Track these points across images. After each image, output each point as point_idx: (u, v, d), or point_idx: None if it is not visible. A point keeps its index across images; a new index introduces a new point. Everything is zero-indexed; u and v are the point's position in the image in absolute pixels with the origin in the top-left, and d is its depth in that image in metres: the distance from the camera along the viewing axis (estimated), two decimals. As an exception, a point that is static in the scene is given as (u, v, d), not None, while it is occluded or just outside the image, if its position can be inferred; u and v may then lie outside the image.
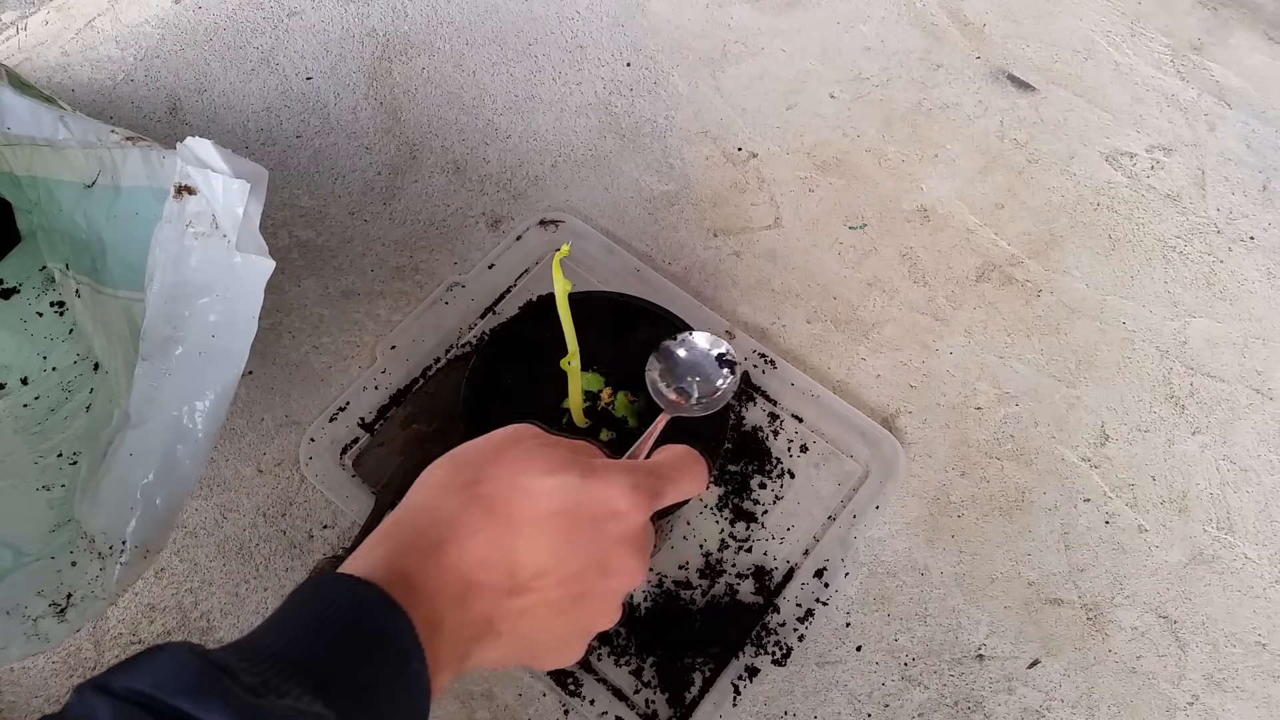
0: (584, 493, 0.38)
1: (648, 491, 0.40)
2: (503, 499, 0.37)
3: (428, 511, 0.37)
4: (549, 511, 0.37)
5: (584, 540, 0.38)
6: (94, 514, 0.53)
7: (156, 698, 0.28)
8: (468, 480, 0.38)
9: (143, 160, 0.55)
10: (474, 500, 0.37)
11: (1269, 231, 0.85)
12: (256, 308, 0.51)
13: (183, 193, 0.51)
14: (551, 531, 0.37)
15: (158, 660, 0.29)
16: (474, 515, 0.37)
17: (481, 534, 0.36)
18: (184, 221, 0.51)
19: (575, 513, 0.38)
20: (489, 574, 0.36)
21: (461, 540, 0.36)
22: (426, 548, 0.36)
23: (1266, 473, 0.73)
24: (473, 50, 0.93)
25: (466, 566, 0.36)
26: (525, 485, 0.38)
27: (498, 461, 0.39)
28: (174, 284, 0.51)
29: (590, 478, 0.38)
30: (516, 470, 0.38)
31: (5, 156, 0.63)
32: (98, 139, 0.56)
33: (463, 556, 0.36)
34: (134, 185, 0.56)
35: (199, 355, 0.52)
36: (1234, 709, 0.65)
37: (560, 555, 0.38)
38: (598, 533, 0.38)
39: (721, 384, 0.56)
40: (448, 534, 0.36)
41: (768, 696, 0.63)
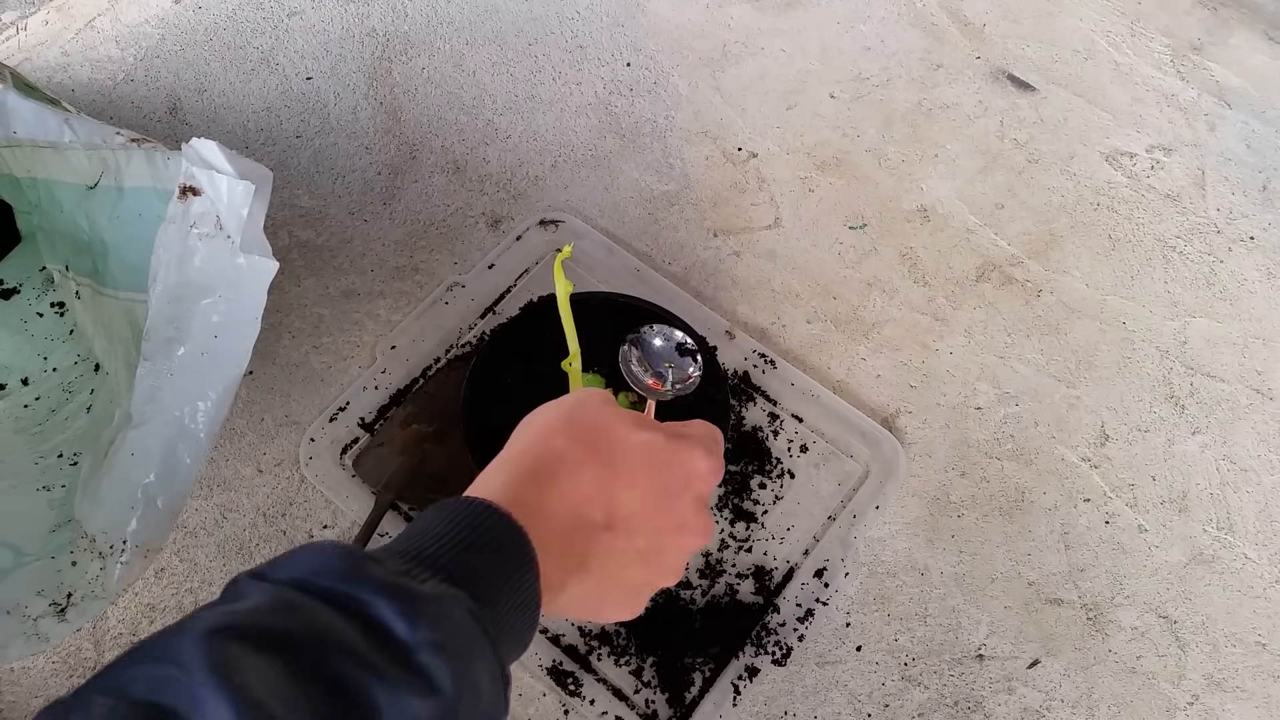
0: (670, 451, 0.42)
1: (720, 458, 0.45)
2: (603, 445, 0.41)
3: (537, 449, 0.40)
4: (641, 462, 0.41)
5: (671, 494, 0.42)
6: (94, 513, 0.53)
7: (312, 581, 0.31)
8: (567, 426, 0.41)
9: (147, 161, 0.55)
10: (578, 442, 0.41)
11: (1269, 231, 0.85)
12: (259, 308, 0.51)
13: (187, 193, 0.51)
14: (644, 480, 0.41)
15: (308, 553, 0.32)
16: (580, 454, 0.40)
17: (587, 471, 0.40)
18: (188, 222, 0.51)
19: (663, 468, 0.42)
20: (591, 509, 0.40)
21: (571, 473, 0.40)
22: (541, 478, 0.39)
23: (1266, 473, 0.73)
24: (473, 50, 0.93)
25: (575, 499, 0.39)
26: (621, 436, 0.41)
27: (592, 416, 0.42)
28: (177, 284, 0.51)
29: (675, 439, 0.43)
30: (609, 423, 0.42)
31: (5, 158, 0.63)
32: (102, 141, 0.56)
33: (574, 489, 0.39)
34: (138, 186, 0.56)
35: (201, 355, 0.52)
36: (1234, 709, 0.65)
37: (650, 503, 0.41)
38: (682, 490, 0.42)
39: (693, 370, 0.57)
40: (558, 467, 0.40)
41: (768, 696, 0.63)
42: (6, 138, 0.60)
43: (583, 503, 0.40)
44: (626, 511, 0.41)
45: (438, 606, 0.32)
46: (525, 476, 0.39)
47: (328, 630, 0.29)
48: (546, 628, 0.65)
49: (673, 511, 0.42)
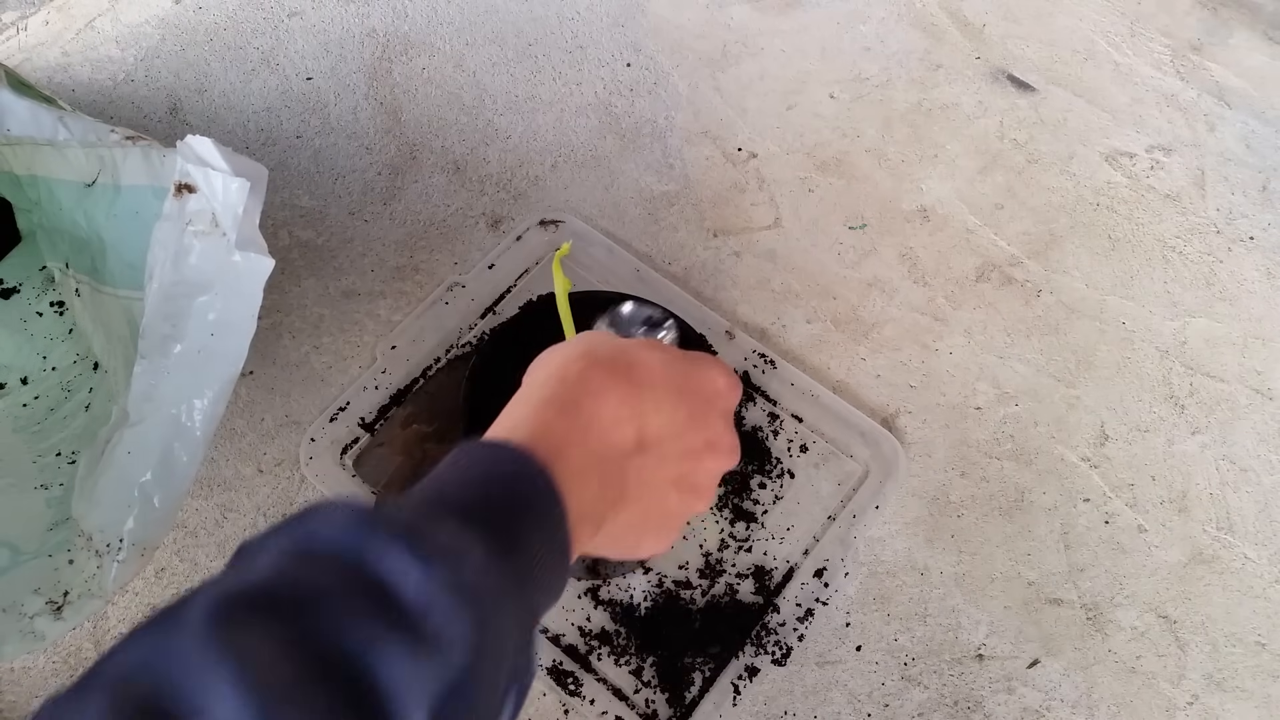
0: (691, 369, 0.42)
1: (736, 378, 0.44)
2: (623, 366, 0.40)
3: (557, 379, 0.39)
4: (664, 382, 0.41)
5: (698, 412, 0.41)
6: (91, 512, 0.53)
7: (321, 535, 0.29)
8: (585, 354, 0.40)
9: (143, 159, 0.55)
10: (598, 365, 0.39)
11: (1269, 231, 0.85)
12: (256, 306, 0.51)
13: (182, 191, 0.51)
14: (670, 399, 0.40)
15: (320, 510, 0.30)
16: (602, 377, 0.39)
17: (613, 393, 0.39)
18: (184, 220, 0.51)
19: (686, 386, 0.41)
20: (621, 431, 0.39)
21: (595, 397, 0.38)
22: (565, 406, 0.38)
23: (1266, 473, 0.73)
24: (473, 50, 0.93)
25: (604, 422, 0.38)
26: (641, 358, 0.41)
27: (607, 341, 0.42)
28: (173, 282, 0.51)
29: (692, 359, 0.42)
30: (625, 348, 0.41)
31: (6, 156, 0.64)
32: (98, 138, 0.56)
33: (599, 412, 0.38)
34: (134, 184, 0.56)
35: (198, 353, 0.52)
36: (1234, 709, 0.65)
37: (679, 421, 0.40)
38: (708, 408, 0.42)
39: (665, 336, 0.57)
40: (580, 392, 0.38)
41: (768, 696, 0.63)
42: (4, 135, 0.60)
43: (611, 426, 0.38)
44: (658, 432, 0.40)
45: (457, 544, 0.30)
46: (546, 407, 0.38)
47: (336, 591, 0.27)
48: (546, 627, 0.65)
49: (701, 430, 0.41)
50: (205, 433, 0.52)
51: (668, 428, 0.40)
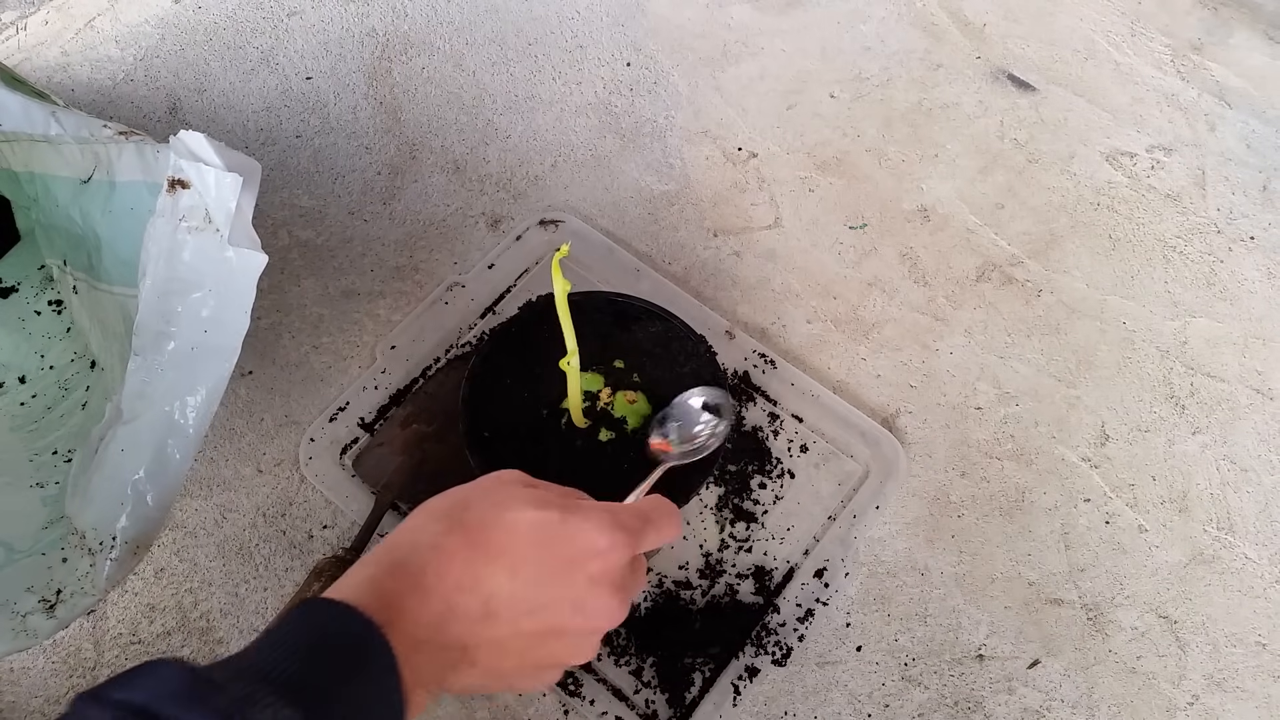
0: (565, 528, 0.39)
1: (629, 531, 0.41)
2: (479, 529, 0.39)
3: (412, 538, 0.39)
4: (529, 543, 0.39)
5: (561, 575, 0.39)
6: (85, 510, 0.53)
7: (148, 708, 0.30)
8: (452, 509, 0.40)
9: (137, 155, 0.55)
10: (456, 527, 0.39)
11: (1269, 231, 0.85)
12: (249, 302, 0.51)
13: (175, 186, 0.50)
14: (529, 563, 0.39)
15: (150, 673, 0.31)
16: (454, 541, 0.38)
17: (460, 559, 0.38)
18: (177, 216, 0.51)
19: (554, 547, 0.39)
20: (465, 599, 0.38)
21: (441, 564, 0.38)
22: (410, 573, 0.37)
23: (1267, 473, 0.73)
24: (473, 50, 0.93)
25: (445, 590, 0.37)
26: (509, 519, 0.39)
27: (484, 497, 0.40)
28: (166, 279, 0.51)
29: (572, 514, 0.40)
30: (500, 504, 0.39)
31: (3, 153, 0.63)
32: (90, 134, 0.56)
33: (442, 580, 0.37)
34: (129, 180, 0.56)
35: (191, 350, 0.52)
36: (1234, 709, 0.64)
37: (534, 587, 0.39)
38: (576, 570, 0.39)
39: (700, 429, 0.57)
40: (430, 558, 0.38)
41: (768, 696, 0.63)
42: (1, 133, 0.60)
43: (454, 593, 0.37)
44: (507, 598, 0.38)
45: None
46: (392, 570, 0.37)
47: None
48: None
49: (565, 593, 0.39)
50: (198, 430, 0.52)
51: (520, 593, 0.38)
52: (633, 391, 0.62)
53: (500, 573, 0.38)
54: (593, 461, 0.61)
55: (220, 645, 0.64)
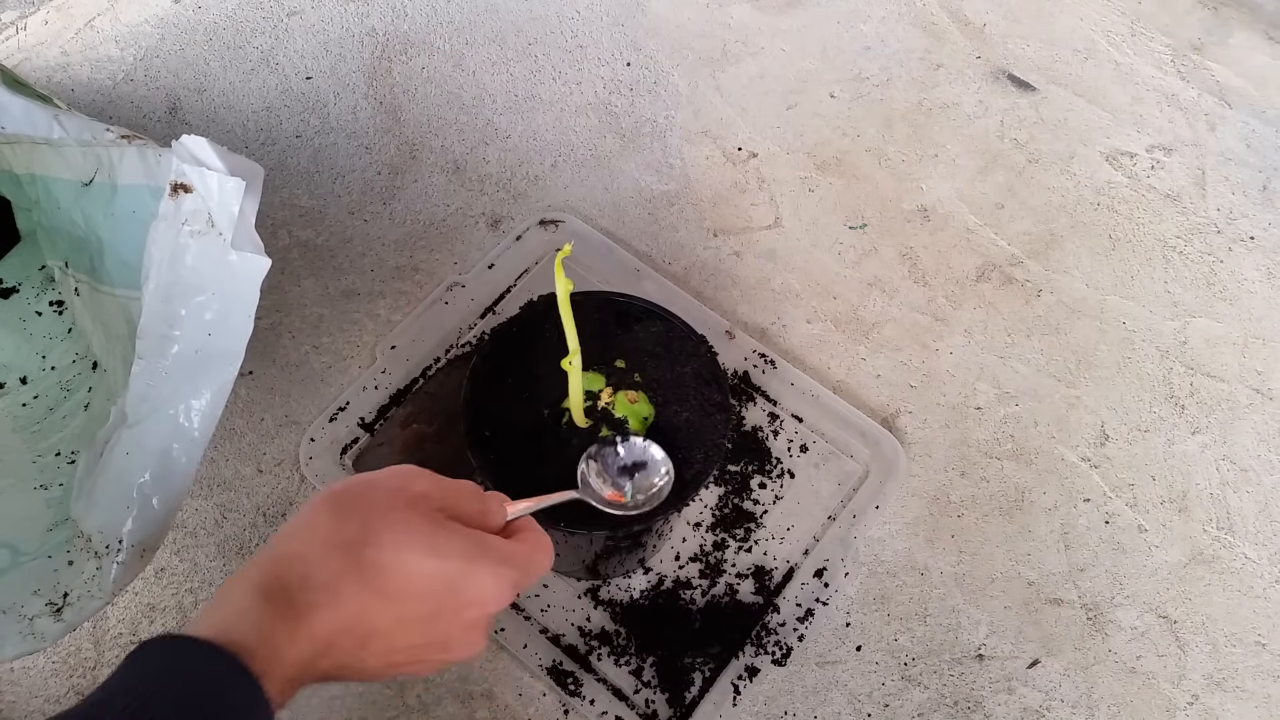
0: (461, 582, 0.39)
1: (514, 585, 0.41)
2: (383, 573, 0.38)
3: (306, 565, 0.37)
4: (422, 595, 0.38)
5: (443, 622, 0.39)
6: (90, 513, 0.53)
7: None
8: (352, 539, 0.38)
9: (139, 158, 0.55)
10: (354, 568, 0.37)
11: (1269, 231, 0.85)
12: (252, 306, 0.51)
13: (178, 190, 0.50)
14: (418, 611, 0.38)
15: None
16: (351, 585, 0.37)
17: (353, 605, 0.37)
18: (179, 219, 0.51)
19: (446, 600, 0.39)
20: (348, 639, 0.37)
21: (333, 608, 0.37)
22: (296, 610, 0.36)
23: (1266, 473, 0.73)
24: (472, 50, 0.93)
25: (329, 632, 0.37)
26: (407, 566, 0.38)
27: (386, 524, 0.38)
28: (170, 282, 0.51)
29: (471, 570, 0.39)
30: (401, 545, 0.38)
31: (5, 155, 0.63)
32: (93, 137, 0.56)
33: (330, 624, 0.36)
34: (131, 183, 0.56)
35: (195, 354, 0.52)
36: (1234, 709, 0.65)
37: (415, 631, 0.39)
38: (458, 616, 0.40)
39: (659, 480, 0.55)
40: (322, 598, 0.36)
41: (768, 696, 0.63)
42: (0, 134, 0.60)
43: (339, 635, 0.37)
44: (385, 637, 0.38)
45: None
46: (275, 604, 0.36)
47: None
48: (546, 627, 0.65)
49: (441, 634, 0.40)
50: (203, 434, 0.52)
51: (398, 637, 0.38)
52: (634, 391, 0.62)
53: (387, 618, 0.38)
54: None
55: (221, 645, 0.64)
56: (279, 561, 0.37)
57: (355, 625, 0.37)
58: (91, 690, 0.33)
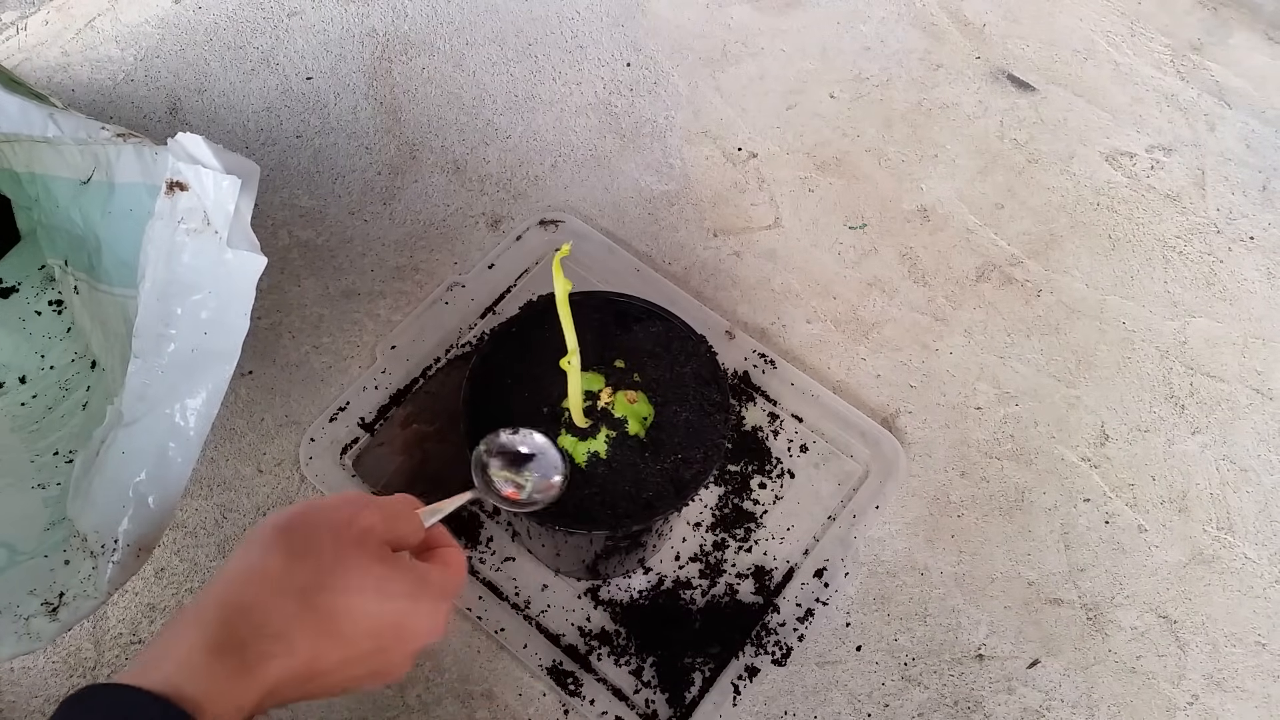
0: (407, 621, 0.41)
1: (447, 615, 0.43)
2: (335, 617, 0.38)
3: (259, 614, 0.37)
4: (369, 635, 0.40)
5: (385, 655, 0.41)
6: (86, 512, 0.53)
7: None
8: (306, 585, 0.38)
9: (136, 156, 0.55)
10: (307, 613, 0.38)
11: (1269, 231, 0.85)
12: (248, 305, 0.51)
13: (174, 189, 0.50)
14: (363, 645, 0.40)
15: None
16: (305, 633, 0.38)
17: (306, 652, 0.38)
18: (175, 218, 0.50)
19: (390, 639, 0.41)
20: (294, 681, 0.38)
21: (285, 657, 0.37)
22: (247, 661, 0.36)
23: (1266, 473, 0.73)
24: (473, 50, 0.93)
25: (278, 680, 0.37)
26: (358, 609, 0.39)
27: (339, 567, 0.39)
28: (166, 281, 0.51)
29: (416, 606, 0.41)
30: (351, 589, 0.39)
31: (5, 153, 0.63)
32: (89, 135, 0.56)
33: (281, 670, 0.37)
34: (128, 181, 0.56)
35: (191, 353, 0.52)
36: (1234, 709, 0.65)
37: (359, 665, 0.40)
38: (399, 647, 0.41)
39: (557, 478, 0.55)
40: (276, 648, 0.37)
41: (768, 696, 0.63)
42: (1, 133, 0.60)
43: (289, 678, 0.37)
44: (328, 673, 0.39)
45: None
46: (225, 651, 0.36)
47: None
48: (546, 627, 0.65)
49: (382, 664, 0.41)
50: (199, 433, 0.52)
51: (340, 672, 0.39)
52: (633, 391, 0.62)
53: (334, 658, 0.39)
54: (592, 460, 0.61)
55: (221, 645, 0.64)
56: (230, 610, 0.37)
57: (304, 669, 0.38)
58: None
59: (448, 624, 0.43)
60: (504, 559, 0.67)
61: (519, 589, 0.66)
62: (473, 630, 0.65)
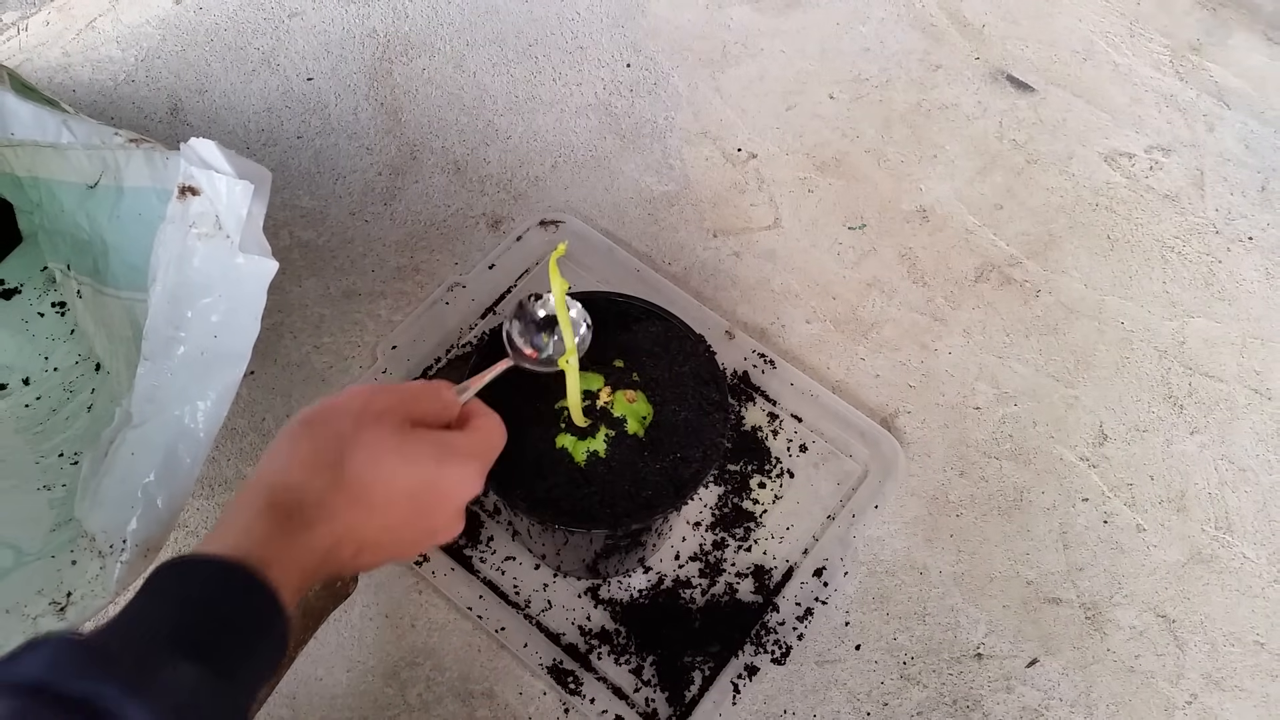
0: (437, 480, 0.43)
1: (480, 472, 0.45)
2: (366, 483, 0.41)
3: (297, 492, 0.40)
4: (405, 498, 0.42)
5: (426, 513, 0.44)
6: (95, 513, 0.53)
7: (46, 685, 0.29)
8: (332, 460, 0.41)
9: (146, 161, 0.55)
10: (339, 483, 0.41)
11: (1267, 232, 0.85)
12: (259, 308, 0.51)
13: (186, 193, 0.51)
14: (402, 508, 0.42)
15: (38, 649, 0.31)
16: (340, 500, 0.40)
17: (345, 517, 0.40)
18: (187, 222, 0.51)
19: (426, 495, 0.43)
20: (344, 548, 0.41)
21: (329, 522, 0.40)
22: (295, 526, 0.39)
23: (1265, 472, 0.73)
24: (473, 51, 0.93)
25: (329, 543, 0.40)
26: (386, 474, 0.42)
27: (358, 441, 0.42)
28: (177, 284, 0.51)
29: (442, 467, 0.43)
30: (376, 456, 0.42)
31: (6, 158, 0.64)
32: (101, 141, 0.56)
33: (328, 536, 0.40)
34: (137, 186, 0.56)
35: (201, 355, 0.52)
36: (1232, 708, 0.65)
37: (403, 525, 0.43)
38: (440, 506, 0.44)
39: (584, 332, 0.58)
40: (316, 515, 0.40)
41: (767, 695, 0.64)
42: (6, 138, 0.61)
43: (337, 545, 0.40)
44: (377, 539, 0.42)
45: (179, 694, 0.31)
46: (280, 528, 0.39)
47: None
48: (546, 626, 0.65)
49: (426, 522, 0.44)
50: (208, 434, 0.52)
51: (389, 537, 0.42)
52: (632, 390, 0.62)
53: (376, 524, 0.41)
54: (592, 459, 0.61)
55: (223, 645, 0.65)
56: (271, 490, 0.40)
57: (349, 535, 0.40)
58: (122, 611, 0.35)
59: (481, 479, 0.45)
60: (504, 559, 0.67)
61: (519, 588, 0.66)
62: (473, 629, 0.65)
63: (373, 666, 0.64)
